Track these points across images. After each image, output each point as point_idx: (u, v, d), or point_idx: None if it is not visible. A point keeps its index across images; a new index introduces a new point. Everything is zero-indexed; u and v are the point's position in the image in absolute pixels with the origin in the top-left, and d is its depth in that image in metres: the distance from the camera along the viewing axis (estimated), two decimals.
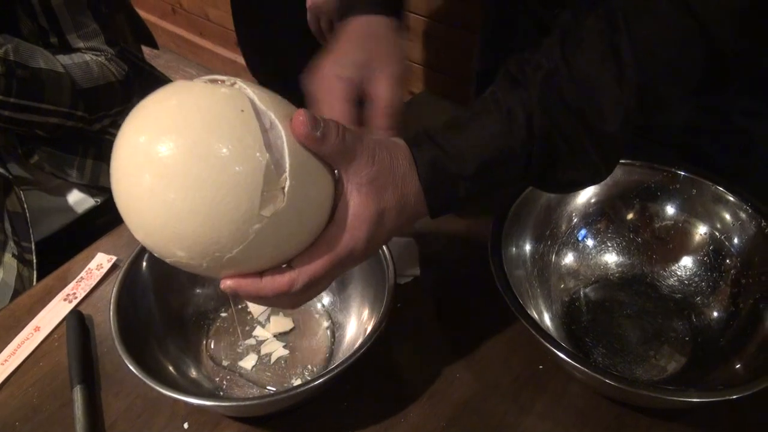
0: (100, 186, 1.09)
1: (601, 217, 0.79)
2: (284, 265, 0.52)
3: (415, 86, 2.02)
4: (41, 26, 0.98)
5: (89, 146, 1.08)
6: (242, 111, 0.47)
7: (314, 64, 0.68)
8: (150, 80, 1.18)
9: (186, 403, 0.65)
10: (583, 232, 0.79)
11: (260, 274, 0.51)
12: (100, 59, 1.03)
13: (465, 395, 0.67)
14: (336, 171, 0.52)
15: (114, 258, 0.84)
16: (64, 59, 0.98)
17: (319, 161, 0.50)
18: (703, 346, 0.70)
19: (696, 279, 0.75)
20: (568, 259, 0.78)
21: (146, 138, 0.46)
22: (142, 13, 2.69)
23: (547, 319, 0.72)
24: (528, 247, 0.75)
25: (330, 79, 0.66)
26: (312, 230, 0.51)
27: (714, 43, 0.53)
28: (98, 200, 1.12)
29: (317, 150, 0.49)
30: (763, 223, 0.69)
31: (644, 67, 0.53)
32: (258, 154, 0.46)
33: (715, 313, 0.72)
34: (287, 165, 0.47)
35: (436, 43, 1.87)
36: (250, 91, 0.49)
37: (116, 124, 1.12)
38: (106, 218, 1.09)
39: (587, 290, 0.77)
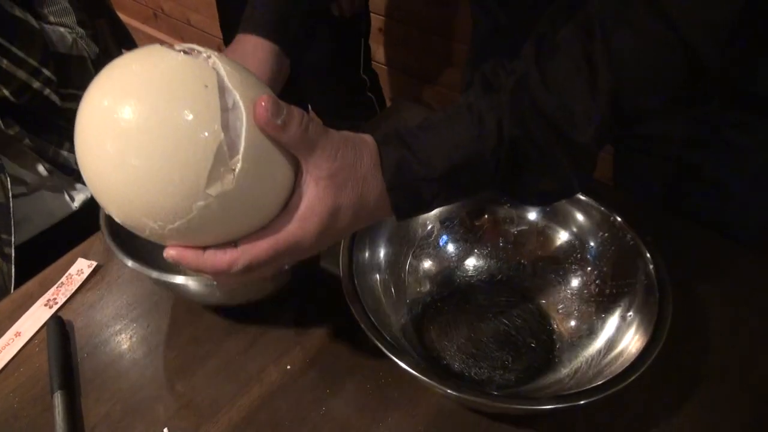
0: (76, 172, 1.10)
1: (459, 222, 0.79)
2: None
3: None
4: None
5: (61, 136, 1.09)
6: (206, 86, 0.47)
7: None
8: None
9: None
10: (444, 237, 0.79)
11: (204, 248, 0.51)
12: (72, 35, 1.03)
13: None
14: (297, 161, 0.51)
15: (94, 263, 0.84)
16: (39, 23, 0.98)
17: (279, 148, 0.49)
18: (560, 351, 0.71)
19: (556, 284, 0.76)
20: (427, 263, 0.78)
21: (108, 101, 0.47)
22: (124, 18, 2.70)
23: (401, 323, 0.72)
24: (383, 252, 0.74)
25: None
26: (263, 215, 0.50)
27: (695, 56, 0.51)
28: (76, 205, 1.12)
29: (277, 137, 0.49)
30: (628, 235, 0.70)
31: (618, 76, 0.52)
32: (212, 131, 0.46)
33: (573, 322, 0.73)
34: (242, 148, 0.47)
35: (423, 52, 1.89)
36: (222, 67, 0.48)
37: None
38: (84, 223, 1.09)
39: (447, 294, 0.78)
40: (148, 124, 0.45)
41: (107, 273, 0.84)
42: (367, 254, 0.71)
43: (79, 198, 1.14)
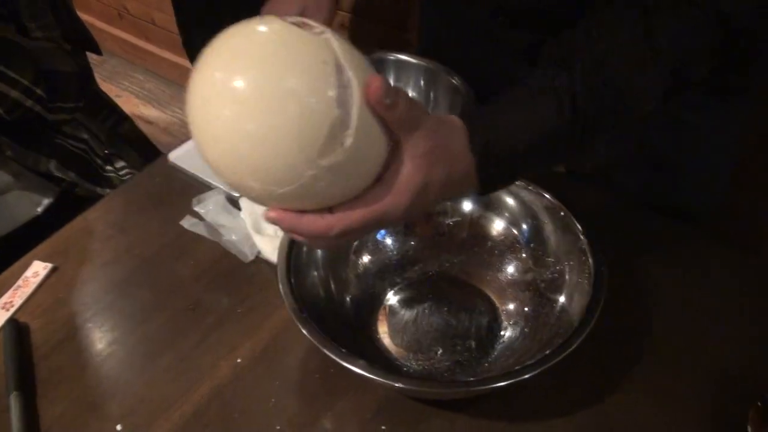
0: (56, 177, 1.13)
1: None
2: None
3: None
4: (1, 13, 1.00)
5: (45, 145, 1.12)
6: (325, 62, 0.49)
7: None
8: (91, 92, 1.21)
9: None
10: (382, 231, 0.81)
11: (302, 211, 0.55)
12: (58, 50, 1.06)
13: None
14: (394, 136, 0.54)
15: (50, 265, 0.85)
16: (28, 41, 1.02)
17: (381, 125, 0.52)
18: (502, 335, 0.74)
19: (494, 271, 0.79)
20: (366, 258, 0.80)
21: (227, 71, 0.49)
22: (89, 19, 2.70)
23: (343, 317, 0.74)
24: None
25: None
26: (360, 186, 0.54)
27: (730, 28, 0.58)
28: (39, 210, 1.14)
29: (385, 116, 0.52)
30: (563, 214, 0.73)
31: (675, 48, 0.57)
32: (328, 106, 0.48)
33: (512, 306, 0.76)
34: (353, 124, 0.50)
35: None
36: (336, 44, 0.50)
37: (69, 123, 1.14)
38: (47, 228, 1.11)
39: (387, 287, 0.80)
40: (267, 93, 0.48)
41: (63, 274, 0.85)
42: (304, 250, 0.73)
43: (43, 203, 1.15)
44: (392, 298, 0.79)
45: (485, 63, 0.90)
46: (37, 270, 0.86)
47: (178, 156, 0.99)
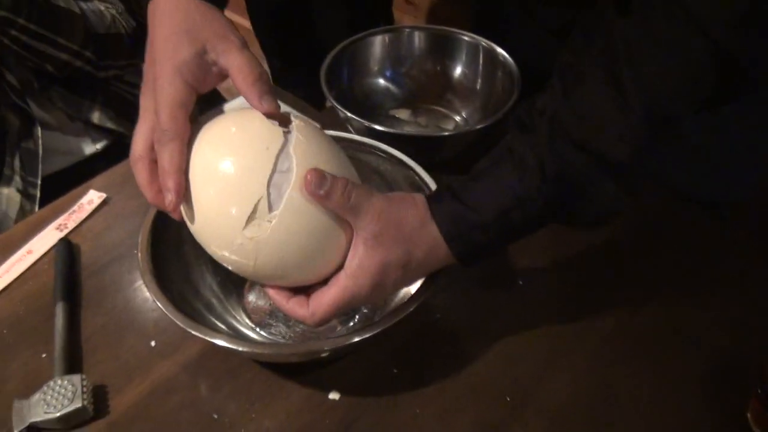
0: (106, 128, 1.18)
1: None
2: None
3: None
4: None
5: (97, 94, 1.17)
6: (267, 148, 0.56)
7: (150, 73, 0.62)
8: None
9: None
10: None
11: (289, 294, 0.61)
12: (111, 11, 1.12)
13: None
14: None
15: (104, 195, 0.92)
16: (81, 4, 1.07)
17: (332, 212, 0.58)
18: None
19: None
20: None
21: (200, 148, 0.59)
22: None
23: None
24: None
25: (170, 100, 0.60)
26: (318, 266, 0.60)
27: (720, 48, 0.50)
28: (99, 146, 1.20)
29: (323, 205, 0.57)
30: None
31: (647, 89, 0.53)
32: (258, 185, 0.55)
33: None
34: (282, 207, 0.56)
35: None
36: (295, 135, 0.58)
37: (121, 78, 1.20)
38: (104, 163, 1.17)
39: None
40: (212, 169, 0.57)
41: (115, 205, 0.91)
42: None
43: (101, 142, 1.22)
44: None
45: (526, 39, 0.90)
46: (92, 198, 0.92)
47: (232, 106, 1.04)
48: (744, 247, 0.84)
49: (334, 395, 0.68)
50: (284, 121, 0.59)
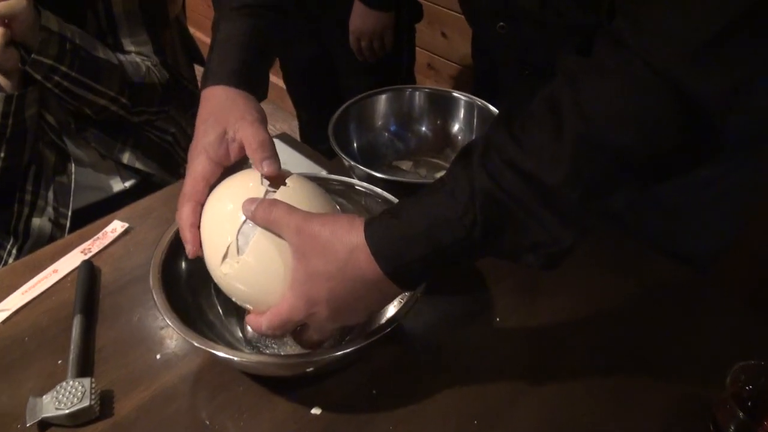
0: (134, 168, 1.29)
1: None
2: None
3: None
4: (101, 28, 1.18)
5: (129, 136, 1.28)
6: (238, 209, 0.69)
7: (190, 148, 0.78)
8: (184, 94, 1.38)
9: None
10: None
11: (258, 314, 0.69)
12: (147, 63, 1.23)
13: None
14: None
15: (127, 225, 1.01)
16: (120, 56, 1.19)
17: (287, 254, 0.66)
18: None
19: None
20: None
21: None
22: (200, 36, 2.93)
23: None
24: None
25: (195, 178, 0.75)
26: (277, 292, 0.67)
27: (681, 90, 0.50)
28: (127, 185, 1.31)
29: (251, 220, 0.67)
30: None
31: (587, 118, 0.53)
32: (230, 233, 0.68)
33: None
34: (248, 249, 0.68)
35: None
36: (290, 184, 0.71)
37: (152, 123, 1.31)
38: (130, 200, 1.27)
39: None
40: (207, 218, 0.72)
41: (136, 234, 1.00)
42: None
43: (129, 181, 1.32)
44: None
45: (538, 47, 0.92)
46: (115, 227, 1.01)
47: None
48: (716, 301, 0.89)
49: (316, 410, 0.75)
50: (284, 177, 0.72)
